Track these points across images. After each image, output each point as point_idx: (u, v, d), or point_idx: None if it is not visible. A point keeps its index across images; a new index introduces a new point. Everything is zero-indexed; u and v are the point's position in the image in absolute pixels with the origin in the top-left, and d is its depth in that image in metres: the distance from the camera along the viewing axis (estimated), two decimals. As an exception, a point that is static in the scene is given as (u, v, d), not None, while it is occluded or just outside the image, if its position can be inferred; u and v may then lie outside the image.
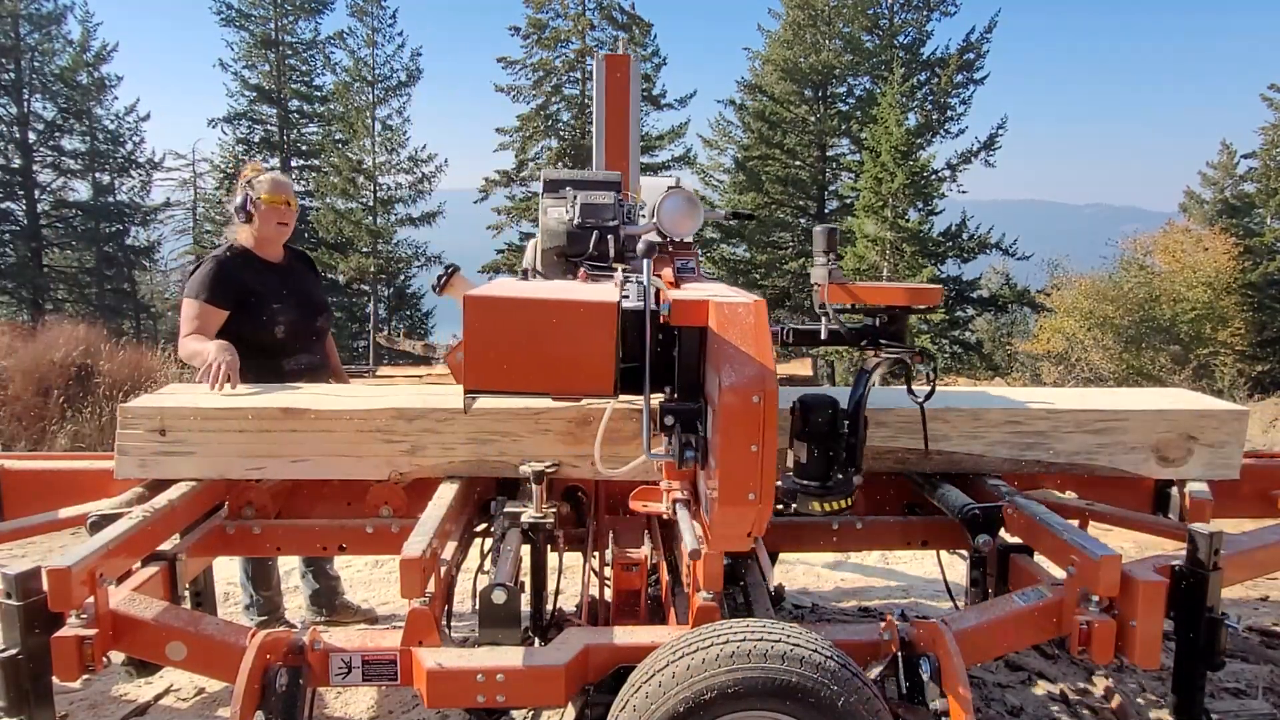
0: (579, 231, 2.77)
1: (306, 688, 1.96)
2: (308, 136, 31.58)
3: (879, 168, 23.67)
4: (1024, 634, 2.18)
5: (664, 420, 1.99)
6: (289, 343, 3.35)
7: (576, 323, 1.85)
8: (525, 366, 1.86)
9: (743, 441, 1.76)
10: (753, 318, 1.84)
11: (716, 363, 1.81)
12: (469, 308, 1.85)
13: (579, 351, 1.85)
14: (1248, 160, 28.89)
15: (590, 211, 2.77)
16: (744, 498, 1.78)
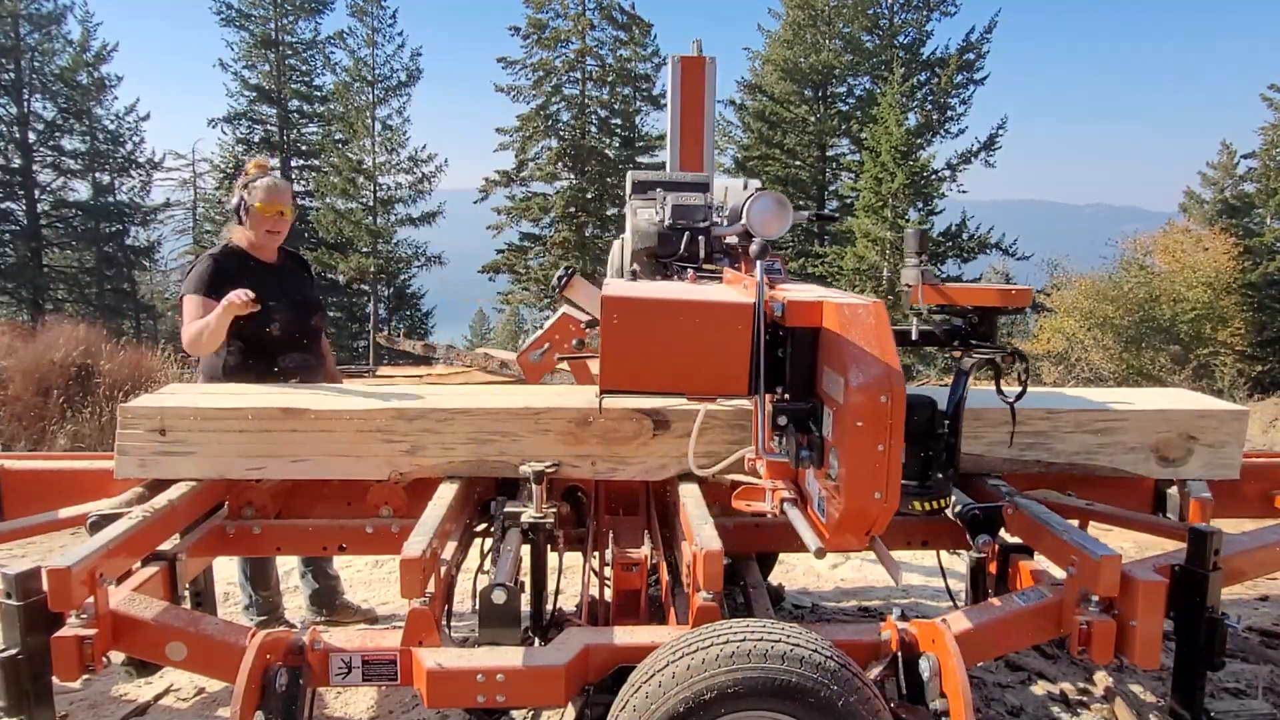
0: (670, 232, 2.81)
1: (306, 688, 1.97)
2: (308, 136, 31.58)
3: (879, 168, 23.66)
4: (1024, 634, 2.18)
5: (777, 420, 2.01)
6: (283, 341, 3.35)
7: (714, 323, 1.87)
8: (661, 366, 1.88)
9: (870, 441, 1.78)
10: (873, 319, 1.86)
11: (840, 363, 1.83)
12: (608, 308, 1.86)
13: (714, 352, 1.88)
14: (1248, 160, 28.90)
15: (681, 213, 2.80)
16: (870, 496, 1.80)
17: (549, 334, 3.29)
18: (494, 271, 29.07)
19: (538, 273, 28.58)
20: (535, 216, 28.56)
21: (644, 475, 2.58)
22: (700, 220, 2.81)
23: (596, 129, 28.62)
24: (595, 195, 28.28)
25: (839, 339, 1.84)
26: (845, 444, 1.80)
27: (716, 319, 1.87)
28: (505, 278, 29.38)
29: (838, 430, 1.84)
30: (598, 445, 2.54)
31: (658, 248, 2.81)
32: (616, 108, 28.67)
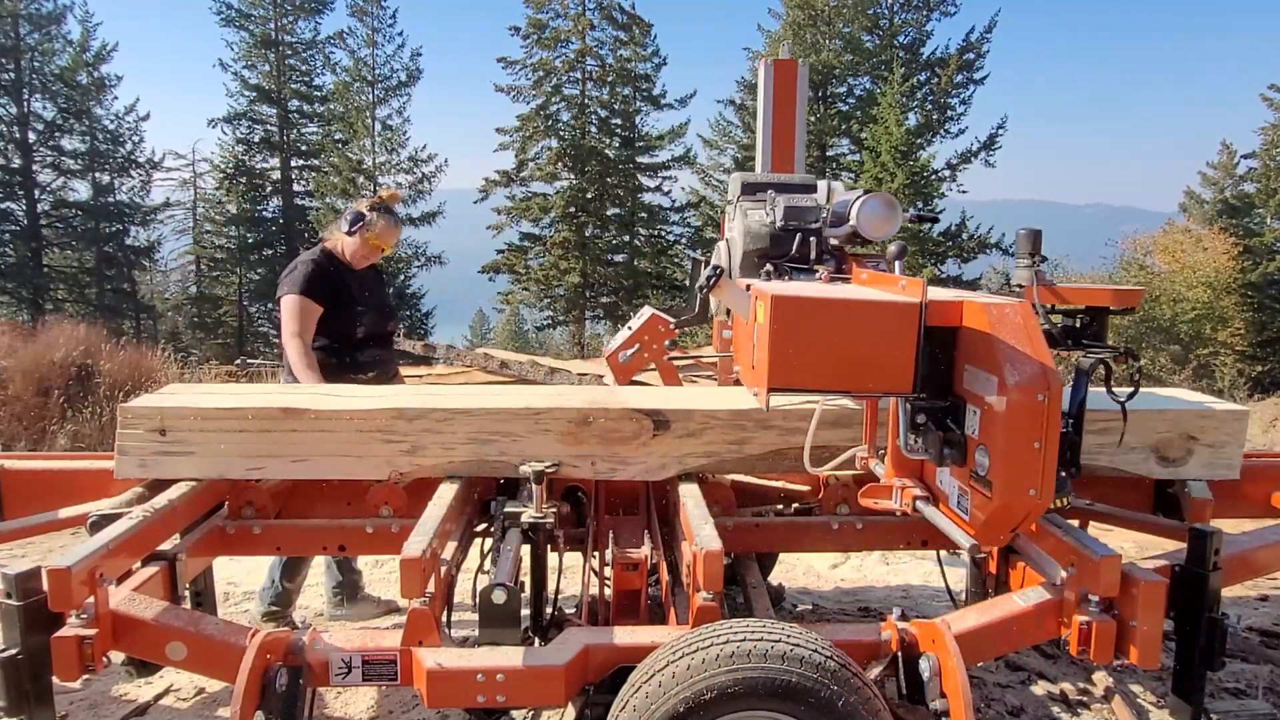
0: (782, 234, 2.84)
1: (306, 688, 1.97)
2: (308, 136, 31.57)
3: (879, 168, 23.66)
4: (1024, 634, 2.18)
5: (915, 419, 2.03)
6: (366, 339, 3.63)
7: (883, 323, 1.90)
8: (828, 365, 1.91)
9: (1026, 438, 1.80)
10: (1021, 318, 1.89)
11: (991, 362, 1.85)
12: (777, 308, 1.89)
13: (882, 351, 1.90)
14: (1248, 160, 28.90)
15: (794, 214, 2.83)
16: (1025, 493, 1.83)
17: (639, 335, 3.34)
18: (494, 271, 29.06)
19: (537, 273, 28.59)
20: (535, 216, 28.56)
21: (644, 475, 2.58)
22: (812, 222, 2.85)
23: (596, 129, 28.62)
24: (595, 195, 28.28)
25: (989, 338, 1.87)
26: (1000, 442, 1.83)
27: (886, 319, 1.91)
28: (505, 278, 29.38)
29: (990, 428, 1.86)
30: (598, 445, 2.54)
31: (770, 249, 2.85)
32: (616, 108, 28.67)
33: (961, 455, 1.96)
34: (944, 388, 2.02)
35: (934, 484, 2.18)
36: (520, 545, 2.27)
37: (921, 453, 2.05)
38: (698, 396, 2.84)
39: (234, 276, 32.08)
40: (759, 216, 2.93)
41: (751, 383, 2.19)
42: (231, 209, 31.59)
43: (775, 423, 2.56)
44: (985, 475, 1.87)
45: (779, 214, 2.84)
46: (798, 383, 1.92)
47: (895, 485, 2.25)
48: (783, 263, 2.76)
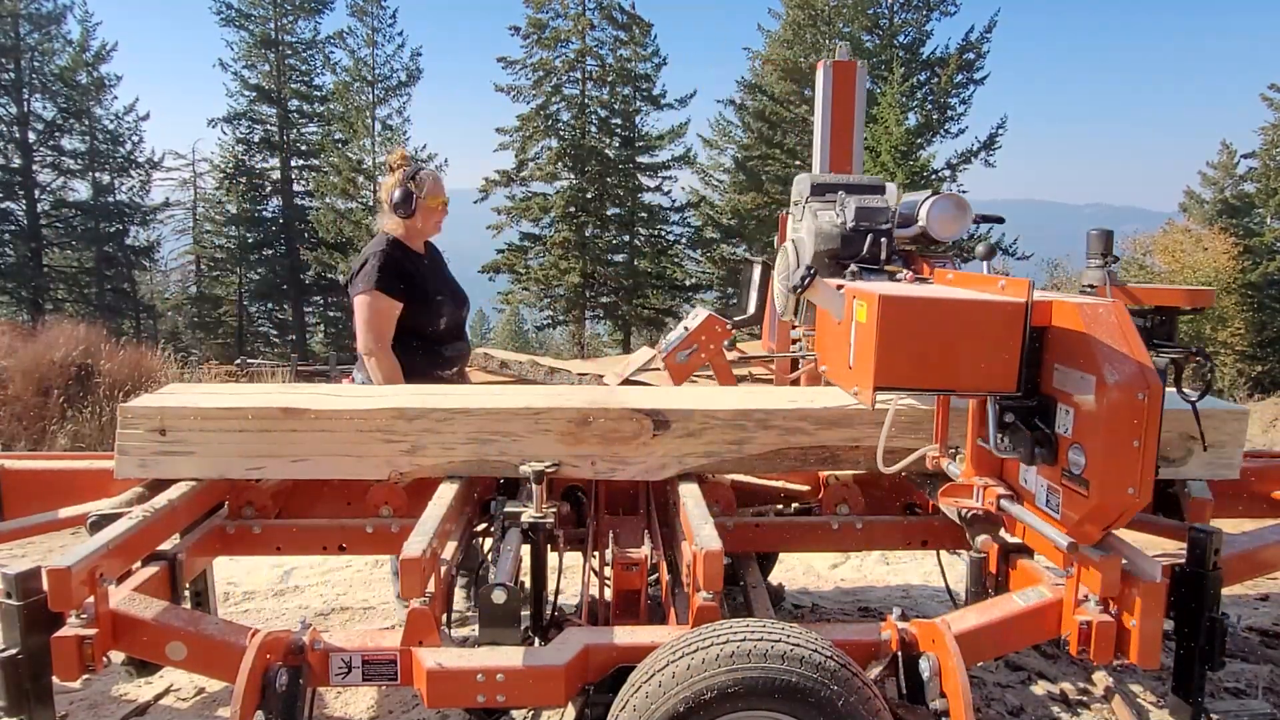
0: (853, 234, 2.86)
1: (306, 688, 1.96)
2: (308, 136, 31.59)
3: (879, 168, 23.65)
4: (1024, 634, 2.18)
5: (1003, 418, 2.05)
6: (447, 332, 3.42)
7: (990, 323, 1.93)
8: (933, 364, 1.94)
9: (1126, 437, 1.82)
10: (1115, 317, 1.91)
11: (1088, 362, 1.87)
12: (885, 308, 1.91)
13: (987, 350, 1.93)
14: (1248, 160, 28.92)
15: (865, 215, 2.86)
16: (1124, 492, 1.85)
17: (696, 335, 3.37)
18: (494, 271, 29.07)
19: (537, 273, 28.59)
20: (535, 216, 28.58)
21: (644, 475, 2.58)
22: (882, 222, 2.86)
23: (596, 129, 28.63)
24: (595, 195, 28.28)
25: (1085, 338, 1.89)
26: (1098, 441, 1.85)
27: (993, 319, 1.94)
28: (505, 277, 29.39)
29: (1087, 427, 1.88)
30: (598, 445, 2.54)
31: (840, 249, 2.86)
32: (616, 108, 28.68)
33: (1052, 454, 1.99)
34: (1032, 387, 2.05)
35: (1016, 482, 2.20)
36: (520, 545, 2.27)
37: (1009, 452, 2.07)
38: (698, 396, 2.84)
39: (234, 276, 32.10)
40: (829, 217, 2.94)
41: (847, 382, 2.20)
42: (231, 209, 31.61)
43: (775, 423, 2.56)
44: (1081, 474, 1.90)
45: (850, 214, 2.86)
46: (903, 381, 1.96)
47: (976, 484, 2.26)
48: (852, 263, 2.77)
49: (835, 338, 2.31)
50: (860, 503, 2.77)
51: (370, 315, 3.22)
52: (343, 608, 3.91)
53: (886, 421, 2.40)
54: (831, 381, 2.46)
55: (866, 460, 2.62)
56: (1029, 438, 2.01)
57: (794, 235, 3.22)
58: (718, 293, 29.50)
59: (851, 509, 2.75)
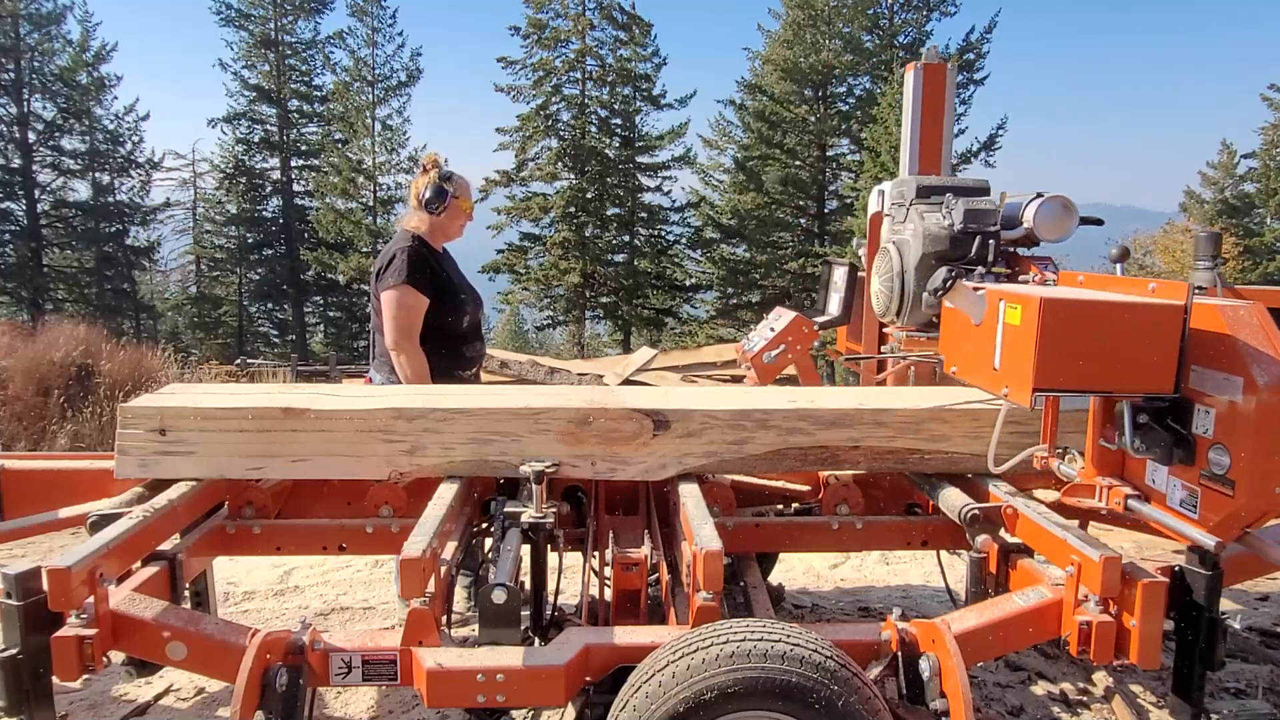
0: (962, 236, 2.90)
1: (306, 687, 1.96)
2: (308, 136, 31.60)
3: (879, 168, 23.65)
4: (1024, 634, 2.18)
5: (1136, 419, 2.07)
6: (469, 331, 3.43)
7: (1149, 325, 1.97)
8: (1092, 365, 1.98)
9: (1276, 438, 1.85)
10: (1257, 319, 1.93)
11: (1234, 363, 1.89)
12: (1047, 310, 1.96)
13: (1146, 351, 1.97)
14: (1248, 160, 28.91)
15: (973, 217, 2.90)
16: (1271, 491, 1.88)
17: (783, 336, 3.40)
18: (494, 271, 29.07)
19: (537, 273, 28.59)
20: (535, 216, 28.57)
21: (644, 475, 2.58)
22: (991, 224, 2.90)
23: (596, 129, 28.63)
24: (595, 195, 28.28)
25: (1229, 339, 1.92)
26: (1247, 441, 1.87)
27: (1153, 321, 1.97)
28: (505, 277, 29.39)
29: (1233, 428, 1.91)
30: (597, 445, 2.54)
31: (948, 251, 2.90)
32: (616, 108, 28.68)
33: (1190, 455, 2.01)
34: None
35: (1142, 482, 2.21)
36: (520, 545, 2.27)
37: (1144, 453, 2.09)
38: (698, 396, 2.84)
39: (234, 276, 32.11)
40: (936, 219, 2.98)
41: (991, 383, 2.23)
42: (231, 209, 31.62)
43: (775, 423, 2.56)
44: (1225, 474, 1.92)
45: (958, 217, 2.90)
46: (1061, 383, 2.00)
47: (1100, 484, 2.27)
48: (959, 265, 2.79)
49: (972, 339, 2.35)
50: (860, 503, 2.77)
51: (399, 311, 3.20)
52: (343, 608, 3.91)
53: (998, 422, 2.41)
54: (965, 382, 2.49)
55: (866, 460, 2.62)
56: (1166, 439, 2.03)
57: (895, 238, 3.24)
58: (717, 293, 29.50)
59: (851, 509, 2.75)
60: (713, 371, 8.24)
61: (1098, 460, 2.29)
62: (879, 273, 3.31)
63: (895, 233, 3.27)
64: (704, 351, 9.18)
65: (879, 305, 3.34)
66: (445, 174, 3.41)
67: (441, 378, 3.27)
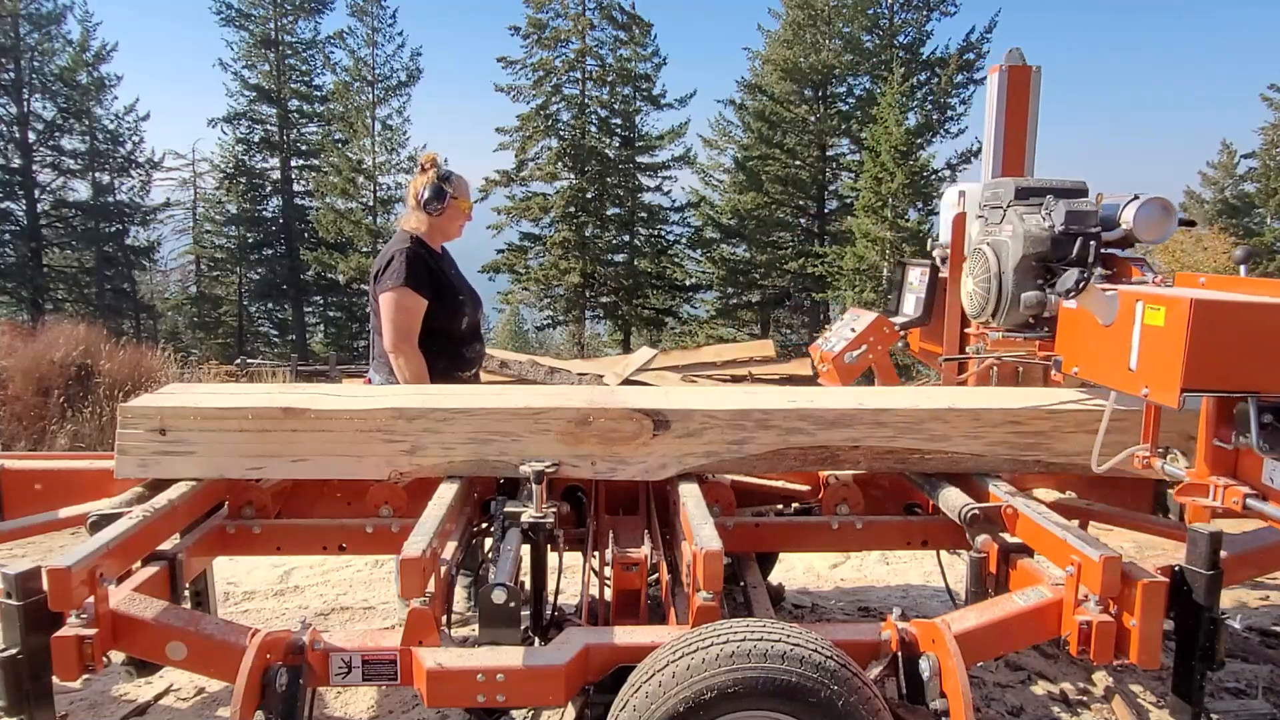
0: (1063, 238, 2.91)
1: (306, 687, 1.96)
2: (308, 136, 31.60)
3: (879, 168, 23.67)
4: (1024, 634, 2.18)
5: (1262, 419, 2.06)
6: (468, 333, 3.42)
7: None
8: (1241, 366, 2.01)
9: None
10: None
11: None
12: (1199, 312, 1.97)
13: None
14: (1248, 160, 28.93)
15: (1075, 218, 2.91)
16: None
17: (864, 336, 3.41)
18: (494, 271, 29.08)
19: (537, 273, 28.60)
20: (535, 216, 28.58)
21: (644, 475, 2.58)
22: (1092, 226, 2.91)
23: (596, 129, 28.64)
24: (595, 195, 28.29)
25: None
26: None
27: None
28: (505, 277, 29.40)
29: None
30: (597, 445, 2.54)
31: (1049, 253, 2.92)
32: (616, 108, 28.69)
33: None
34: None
35: (1258, 481, 2.21)
36: (520, 545, 2.27)
37: (1270, 452, 2.09)
38: (698, 396, 2.84)
39: (234, 276, 32.12)
40: (1036, 221, 2.99)
41: (1126, 384, 2.25)
42: (231, 209, 31.63)
43: (775, 423, 2.56)
44: None
45: (1059, 218, 2.92)
46: (1210, 383, 2.02)
47: (1215, 484, 2.26)
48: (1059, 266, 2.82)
49: (1100, 340, 2.37)
50: (860, 503, 2.77)
51: (398, 313, 3.19)
52: (343, 608, 3.91)
53: (1103, 422, 2.42)
54: (1089, 382, 2.51)
55: (866, 460, 2.62)
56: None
57: (990, 239, 3.26)
58: (717, 293, 29.50)
59: (851, 509, 2.75)
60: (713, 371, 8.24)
61: (1213, 460, 2.29)
62: (973, 274, 3.32)
63: (990, 234, 3.29)
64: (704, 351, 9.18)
65: (973, 306, 3.36)
66: (444, 174, 3.39)
67: (440, 379, 3.26)
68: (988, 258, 3.18)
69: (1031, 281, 2.94)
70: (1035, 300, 2.93)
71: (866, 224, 24.03)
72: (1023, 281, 2.96)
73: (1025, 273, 2.96)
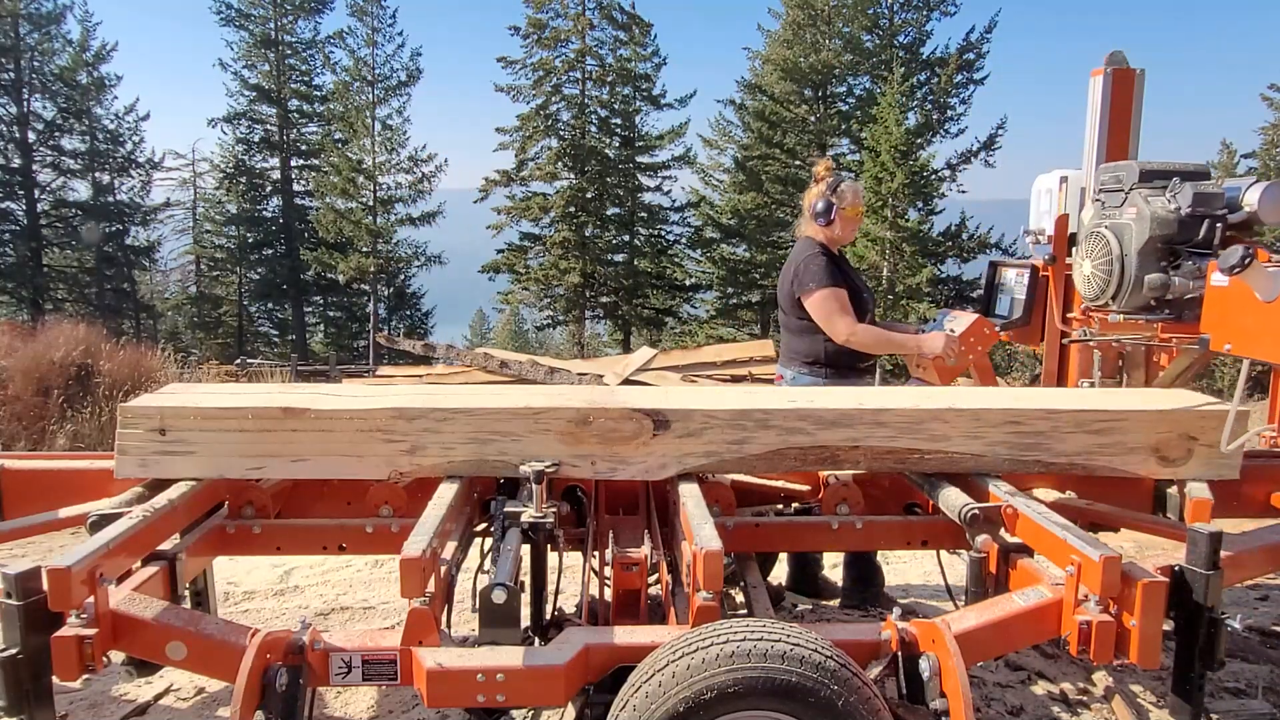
0: (1190, 220, 2.93)
1: (306, 687, 1.96)
2: (308, 136, 31.60)
3: (879, 168, 23.66)
4: (1024, 634, 2.18)
5: None
6: None
7: None
8: None
9: None
10: None
11: None
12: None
13: None
14: (1248, 160, 28.86)
15: (1202, 200, 2.93)
16: None
17: (965, 337, 3.41)
18: (494, 271, 29.07)
19: (537, 272, 28.59)
20: (535, 216, 28.57)
21: (644, 475, 2.58)
22: (1219, 208, 2.92)
23: (596, 129, 28.63)
24: (595, 195, 28.28)
25: None
26: None
27: None
28: (505, 277, 29.40)
29: None
30: (597, 445, 2.54)
31: (1176, 235, 2.94)
32: (616, 108, 28.68)
33: None
34: None
35: None
36: (520, 545, 2.27)
37: None
38: (698, 396, 2.84)
39: (234, 276, 32.13)
40: (1162, 203, 3.01)
41: None
42: (231, 209, 31.63)
43: (775, 423, 2.56)
44: None
45: (1185, 200, 2.94)
46: None
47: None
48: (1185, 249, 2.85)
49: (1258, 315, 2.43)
50: (860, 503, 2.77)
51: (837, 304, 3.44)
52: (343, 608, 3.91)
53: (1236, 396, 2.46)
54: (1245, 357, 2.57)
55: (866, 460, 2.62)
56: None
57: (1110, 222, 3.27)
58: (717, 293, 29.49)
59: (851, 509, 2.75)
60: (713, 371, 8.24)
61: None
62: (1092, 257, 3.33)
63: (1108, 217, 3.31)
64: (704, 351, 9.17)
65: (1090, 290, 3.37)
66: (833, 183, 3.66)
67: (845, 371, 3.51)
68: (1108, 240, 3.19)
69: (1155, 264, 2.99)
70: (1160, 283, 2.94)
71: (866, 224, 24.02)
72: (1146, 264, 3.00)
73: (1149, 255, 3.00)
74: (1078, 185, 4.03)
